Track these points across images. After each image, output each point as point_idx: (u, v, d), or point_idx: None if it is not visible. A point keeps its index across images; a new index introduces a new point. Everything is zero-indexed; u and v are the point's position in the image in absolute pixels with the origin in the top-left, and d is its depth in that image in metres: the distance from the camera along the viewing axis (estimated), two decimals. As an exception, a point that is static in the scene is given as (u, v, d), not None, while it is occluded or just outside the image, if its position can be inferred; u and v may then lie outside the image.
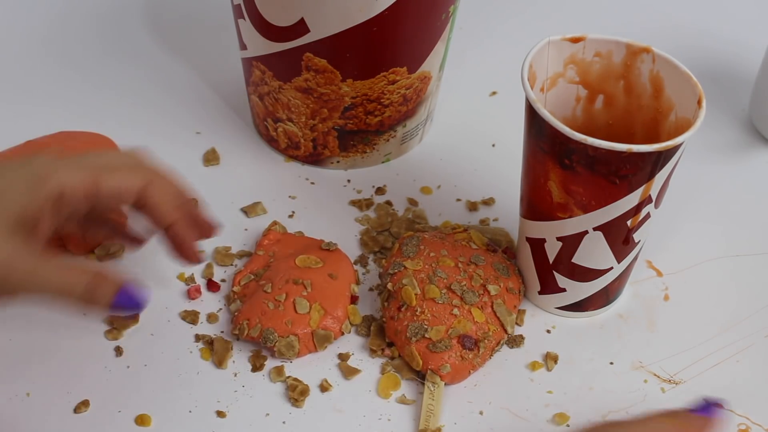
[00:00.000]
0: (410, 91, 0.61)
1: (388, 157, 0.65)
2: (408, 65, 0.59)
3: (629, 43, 0.52)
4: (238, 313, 0.53)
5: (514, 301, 0.54)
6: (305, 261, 0.55)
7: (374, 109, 0.61)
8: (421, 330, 0.52)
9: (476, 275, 0.54)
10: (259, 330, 0.52)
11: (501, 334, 0.53)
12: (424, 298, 0.53)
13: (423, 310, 0.52)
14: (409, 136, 0.65)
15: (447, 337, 0.52)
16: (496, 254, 0.56)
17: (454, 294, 0.53)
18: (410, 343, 0.52)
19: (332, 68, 0.58)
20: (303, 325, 0.52)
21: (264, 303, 0.53)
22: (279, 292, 0.53)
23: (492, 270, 0.55)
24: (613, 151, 0.46)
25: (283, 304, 0.53)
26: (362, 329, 0.54)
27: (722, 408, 0.44)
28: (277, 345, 0.52)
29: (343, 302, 0.54)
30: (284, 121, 0.62)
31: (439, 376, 0.51)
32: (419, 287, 0.53)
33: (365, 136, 0.63)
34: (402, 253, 0.56)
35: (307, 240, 0.58)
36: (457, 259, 0.55)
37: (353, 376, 0.52)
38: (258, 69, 0.61)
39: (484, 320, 0.52)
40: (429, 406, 0.50)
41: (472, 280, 0.54)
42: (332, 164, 0.65)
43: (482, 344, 0.52)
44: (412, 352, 0.51)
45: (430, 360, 0.51)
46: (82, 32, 0.75)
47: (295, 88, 0.60)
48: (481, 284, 0.54)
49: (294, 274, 0.54)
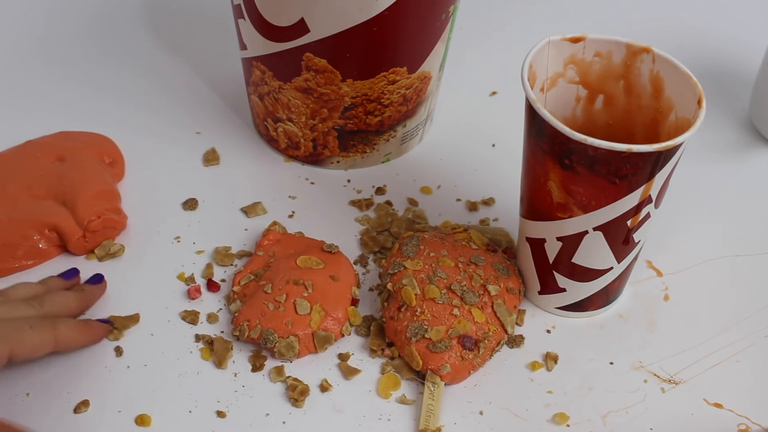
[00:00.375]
0: (410, 91, 0.61)
1: (388, 157, 0.65)
2: (408, 65, 0.59)
3: (629, 43, 0.52)
4: (238, 314, 0.53)
5: (514, 301, 0.54)
6: (306, 262, 0.55)
7: (374, 109, 0.61)
8: (421, 330, 0.52)
9: (476, 275, 0.54)
10: (260, 331, 0.52)
11: (501, 335, 0.53)
12: (424, 299, 0.53)
13: (423, 310, 0.52)
14: (409, 136, 0.65)
15: (447, 337, 0.52)
16: (496, 254, 0.56)
17: (454, 294, 0.53)
18: (410, 343, 0.52)
19: (332, 68, 0.58)
20: (303, 326, 0.52)
21: (264, 304, 0.53)
22: (279, 292, 0.53)
23: (492, 270, 0.55)
24: (613, 151, 0.46)
25: (284, 304, 0.53)
26: (362, 329, 0.54)
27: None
28: (277, 346, 0.52)
29: (344, 304, 0.54)
30: (284, 121, 0.62)
31: (439, 376, 0.51)
32: (419, 287, 0.53)
33: (365, 136, 0.63)
34: (402, 253, 0.56)
35: (308, 241, 0.58)
36: (457, 259, 0.55)
37: (353, 376, 0.52)
38: (258, 69, 0.61)
39: (484, 320, 0.53)
40: (429, 406, 0.50)
41: (472, 281, 0.54)
42: (332, 164, 0.65)
43: (482, 344, 0.52)
44: (412, 352, 0.51)
45: (430, 360, 0.51)
46: (83, 32, 0.75)
47: (295, 88, 0.60)
48: (482, 284, 0.54)
49: (295, 275, 0.54)
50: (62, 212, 0.57)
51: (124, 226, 0.59)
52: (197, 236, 0.59)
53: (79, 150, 0.61)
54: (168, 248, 0.59)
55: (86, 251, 0.57)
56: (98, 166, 0.60)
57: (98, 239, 0.57)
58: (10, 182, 0.58)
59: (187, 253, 0.58)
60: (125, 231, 0.59)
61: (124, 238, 0.59)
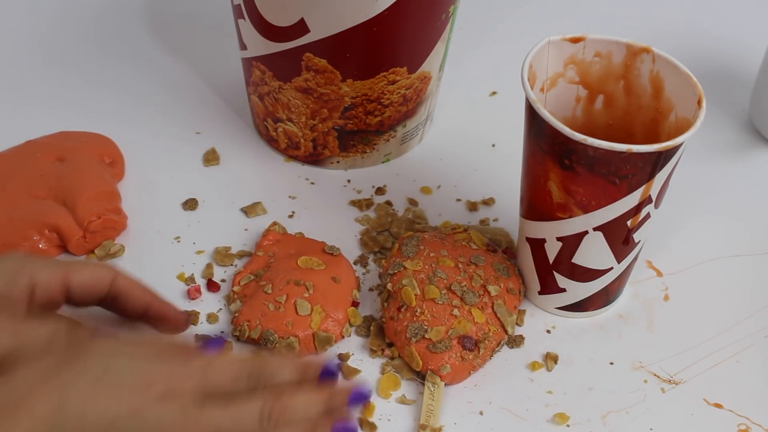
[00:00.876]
0: (410, 91, 0.61)
1: (388, 157, 0.65)
2: (408, 65, 0.59)
3: (629, 44, 0.52)
4: (239, 314, 0.53)
5: (514, 301, 0.54)
6: (308, 262, 0.55)
7: (374, 109, 0.61)
8: (421, 330, 0.52)
9: (476, 275, 0.54)
10: (260, 332, 0.52)
11: (501, 335, 0.53)
12: (423, 299, 0.53)
13: (423, 310, 0.52)
14: (409, 136, 0.65)
15: (447, 337, 0.51)
16: (496, 254, 0.56)
17: (454, 294, 0.53)
18: (410, 343, 0.52)
19: (332, 68, 0.58)
20: (304, 326, 0.52)
21: (264, 304, 0.53)
22: (279, 293, 0.53)
23: (492, 270, 0.55)
24: (613, 152, 0.46)
25: (284, 305, 0.53)
26: (362, 329, 0.54)
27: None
28: (277, 346, 0.52)
29: (345, 306, 0.54)
30: (284, 121, 0.62)
31: (439, 376, 0.51)
32: (419, 287, 0.53)
33: (365, 136, 0.63)
34: (402, 253, 0.56)
35: (309, 242, 0.58)
36: (457, 259, 0.55)
37: (353, 376, 0.52)
38: (258, 69, 0.61)
39: (485, 321, 0.52)
40: (429, 406, 0.50)
41: (472, 281, 0.54)
42: (332, 164, 0.65)
43: (482, 345, 0.52)
44: (412, 353, 0.51)
45: (430, 360, 0.51)
46: (83, 32, 0.75)
47: (295, 88, 0.60)
48: (482, 285, 0.54)
49: (296, 275, 0.54)
50: (62, 212, 0.57)
51: (124, 226, 0.59)
52: (197, 236, 0.59)
53: (79, 150, 0.61)
54: (168, 248, 0.59)
55: (86, 252, 0.57)
56: (98, 166, 0.60)
57: (98, 240, 0.57)
58: (10, 182, 0.58)
59: (187, 254, 0.58)
60: (125, 231, 0.59)
61: (124, 239, 0.59)
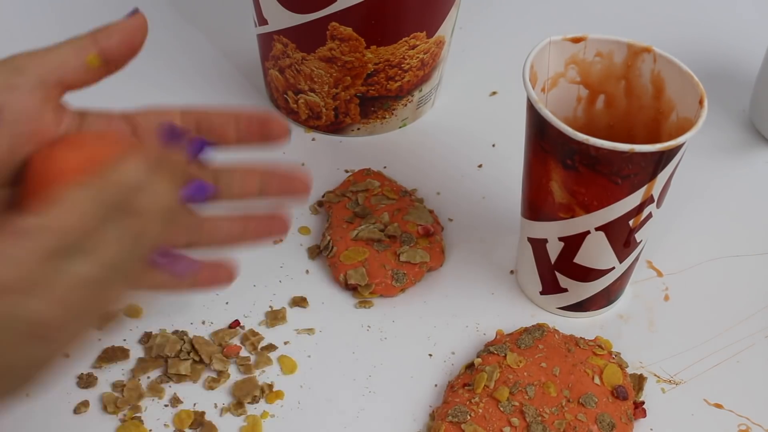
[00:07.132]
0: (427, 56, 0.63)
1: (404, 122, 0.67)
2: (427, 29, 0.61)
3: (630, 43, 0.52)
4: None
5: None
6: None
7: (395, 75, 0.62)
8: (462, 416, 0.47)
9: (571, 417, 0.47)
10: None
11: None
12: (489, 394, 0.49)
13: (479, 402, 0.48)
14: (424, 100, 0.67)
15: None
16: (623, 402, 0.49)
17: (522, 416, 0.48)
18: (445, 420, 0.48)
19: (357, 36, 0.59)
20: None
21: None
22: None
23: (596, 423, 0.47)
24: (616, 151, 0.46)
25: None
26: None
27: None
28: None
29: None
30: (306, 92, 0.64)
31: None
32: (494, 382, 0.49)
33: (385, 101, 0.64)
34: (517, 342, 0.51)
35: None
36: (562, 392, 0.49)
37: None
38: (280, 42, 0.62)
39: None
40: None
41: (559, 421, 0.47)
42: (353, 132, 0.66)
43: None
44: (440, 429, 0.48)
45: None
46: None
47: (319, 58, 0.61)
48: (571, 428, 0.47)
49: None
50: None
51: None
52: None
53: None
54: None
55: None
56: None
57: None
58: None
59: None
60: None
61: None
